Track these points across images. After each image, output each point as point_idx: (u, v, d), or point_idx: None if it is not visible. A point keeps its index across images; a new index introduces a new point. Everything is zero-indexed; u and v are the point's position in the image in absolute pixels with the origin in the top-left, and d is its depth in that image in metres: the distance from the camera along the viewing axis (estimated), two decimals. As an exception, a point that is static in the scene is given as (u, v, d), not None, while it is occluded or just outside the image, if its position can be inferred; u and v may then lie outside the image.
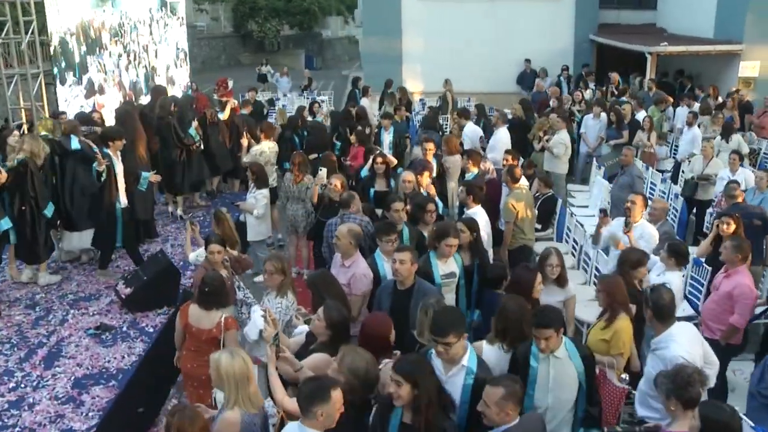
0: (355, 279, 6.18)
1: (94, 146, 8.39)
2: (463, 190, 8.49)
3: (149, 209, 9.62)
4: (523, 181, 9.47)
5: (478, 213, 7.97)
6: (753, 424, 4.74)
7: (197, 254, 7.29)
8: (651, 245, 7.51)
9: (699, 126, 13.93)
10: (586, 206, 12.55)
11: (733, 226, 7.62)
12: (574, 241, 10.18)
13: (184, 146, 10.27)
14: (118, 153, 8.53)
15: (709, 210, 10.97)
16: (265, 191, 9.48)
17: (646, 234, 7.66)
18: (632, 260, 6.40)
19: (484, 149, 12.36)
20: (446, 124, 16.39)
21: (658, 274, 6.99)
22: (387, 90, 17.99)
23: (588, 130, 14.50)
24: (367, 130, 13.26)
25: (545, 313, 4.70)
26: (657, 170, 13.12)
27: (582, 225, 10.30)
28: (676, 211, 11.20)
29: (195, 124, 10.46)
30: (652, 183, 12.49)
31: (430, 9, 21.36)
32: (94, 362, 6.64)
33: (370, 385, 4.31)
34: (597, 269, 8.84)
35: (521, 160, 10.74)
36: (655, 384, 4.34)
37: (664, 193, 12.12)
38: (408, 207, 7.42)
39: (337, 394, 3.79)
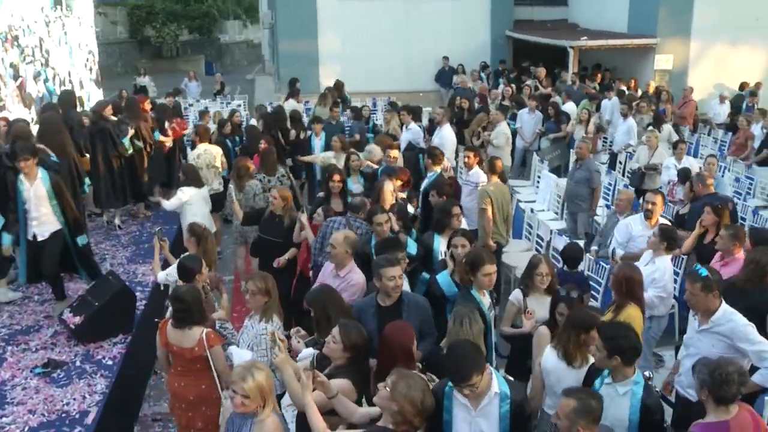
0: (351, 290, 5.60)
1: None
2: (434, 193, 8.22)
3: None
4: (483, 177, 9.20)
5: None
6: None
7: (167, 273, 6.49)
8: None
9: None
10: (534, 201, 12.39)
11: (712, 216, 7.51)
12: (539, 237, 9.93)
13: (120, 154, 9.29)
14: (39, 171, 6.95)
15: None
16: (190, 189, 8.75)
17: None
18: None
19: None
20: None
21: (646, 263, 6.77)
22: (293, 89, 17.32)
23: (524, 125, 14.38)
24: (302, 135, 12.65)
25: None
26: (593, 162, 13.12)
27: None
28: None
29: (131, 132, 9.50)
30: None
31: (346, 7, 20.84)
32: (50, 407, 5.69)
33: (425, 414, 3.83)
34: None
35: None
36: (694, 368, 4.22)
37: (611, 185, 12.12)
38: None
39: None
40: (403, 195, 8.16)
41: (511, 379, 4.49)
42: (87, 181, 8.49)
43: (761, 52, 19.34)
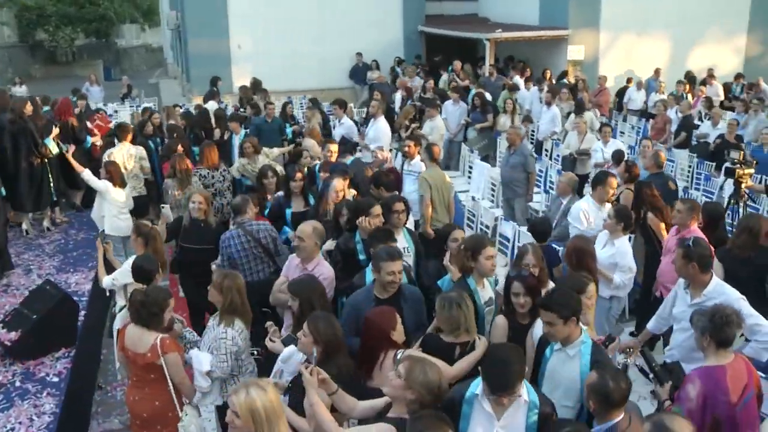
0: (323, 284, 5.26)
1: None
2: (373, 187, 7.89)
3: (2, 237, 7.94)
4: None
5: None
6: None
7: (113, 278, 5.99)
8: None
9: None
10: (467, 191, 12.37)
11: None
12: (484, 225, 9.89)
13: (41, 155, 8.60)
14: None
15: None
16: (110, 187, 8.40)
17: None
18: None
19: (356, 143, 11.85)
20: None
21: (604, 245, 6.77)
22: (214, 88, 16.79)
23: (449, 116, 14.34)
24: (226, 135, 12.16)
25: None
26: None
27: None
28: (561, 187, 11.28)
29: (56, 131, 8.83)
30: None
31: (257, 5, 20.30)
32: (-6, 433, 5.14)
33: (441, 399, 3.64)
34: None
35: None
36: (691, 321, 4.39)
37: (542, 171, 12.25)
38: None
39: None
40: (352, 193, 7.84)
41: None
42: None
43: (665, 42, 20.12)
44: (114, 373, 7.17)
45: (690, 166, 12.50)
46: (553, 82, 17.61)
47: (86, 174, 8.57)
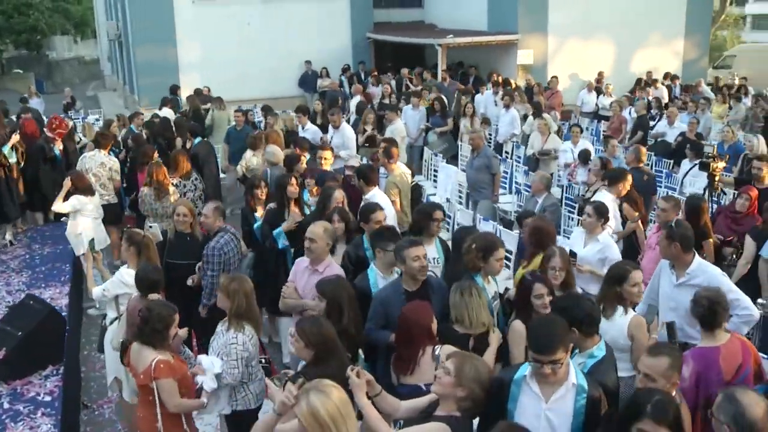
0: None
1: None
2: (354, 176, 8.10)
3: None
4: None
5: (377, 195, 7.52)
6: None
7: (104, 288, 5.72)
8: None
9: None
10: (434, 194, 12.37)
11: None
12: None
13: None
14: None
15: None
16: (81, 197, 8.17)
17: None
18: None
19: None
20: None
21: (585, 244, 6.74)
22: (174, 96, 16.43)
23: (409, 121, 14.34)
24: (188, 144, 11.86)
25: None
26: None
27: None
28: (529, 187, 11.41)
29: (15, 138, 8.42)
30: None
31: (204, 13, 19.99)
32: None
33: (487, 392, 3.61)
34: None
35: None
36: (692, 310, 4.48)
37: (506, 172, 12.36)
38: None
39: None
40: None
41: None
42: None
43: (609, 46, 20.68)
44: (98, 390, 6.85)
45: (648, 164, 12.78)
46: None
47: (56, 206, 8.26)
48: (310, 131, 12.00)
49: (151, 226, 7.81)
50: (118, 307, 5.77)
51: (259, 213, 7.16)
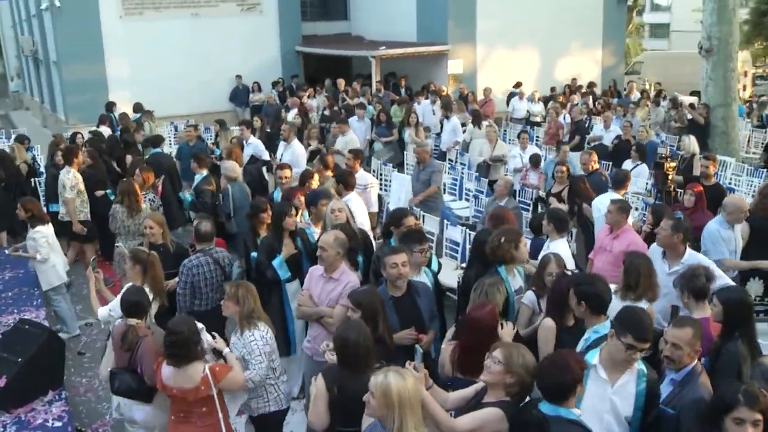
0: (348, 289, 5.26)
1: None
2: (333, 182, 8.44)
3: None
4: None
5: (352, 200, 7.92)
6: None
7: (110, 308, 5.63)
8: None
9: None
10: (387, 202, 12.55)
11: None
12: (427, 232, 10.08)
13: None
14: None
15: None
16: (43, 229, 7.87)
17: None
18: None
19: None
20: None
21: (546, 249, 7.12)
22: (110, 114, 16.05)
23: (354, 132, 14.48)
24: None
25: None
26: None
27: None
28: (480, 192, 11.79)
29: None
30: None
31: (132, 29, 19.56)
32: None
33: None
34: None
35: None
36: (675, 285, 5.20)
37: (456, 179, 12.70)
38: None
39: None
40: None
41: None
42: None
43: (534, 55, 21.52)
44: (88, 414, 6.71)
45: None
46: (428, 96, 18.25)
47: (22, 252, 8.04)
48: (253, 145, 12.00)
49: (117, 245, 7.74)
50: None
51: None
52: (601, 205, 7.94)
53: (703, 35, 13.77)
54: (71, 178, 9.47)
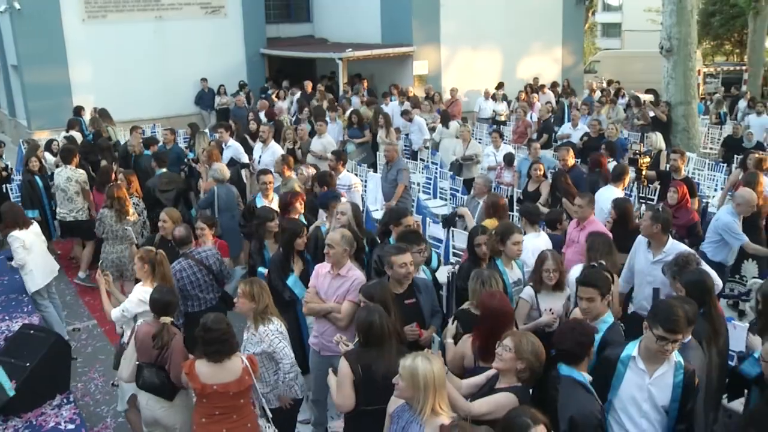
0: (356, 286, 5.48)
1: None
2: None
3: None
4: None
5: None
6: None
7: (123, 309, 5.72)
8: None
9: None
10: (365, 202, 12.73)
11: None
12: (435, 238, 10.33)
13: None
14: None
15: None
16: (19, 234, 7.75)
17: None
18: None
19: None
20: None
21: None
22: (78, 118, 15.87)
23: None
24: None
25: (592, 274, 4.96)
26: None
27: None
28: (456, 190, 12.07)
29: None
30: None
31: (95, 32, 19.31)
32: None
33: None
34: (454, 246, 9.08)
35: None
36: (663, 273, 5.62)
37: (430, 178, 12.95)
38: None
39: None
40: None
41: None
42: None
43: (497, 55, 21.93)
44: (88, 417, 6.72)
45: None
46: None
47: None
48: (232, 148, 12.06)
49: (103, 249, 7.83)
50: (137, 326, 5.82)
51: (270, 246, 6.93)
52: (602, 197, 8.33)
53: (663, 36, 14.28)
54: (79, 174, 9.82)
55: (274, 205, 7.99)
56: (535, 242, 6.73)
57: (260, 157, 11.70)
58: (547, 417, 3.53)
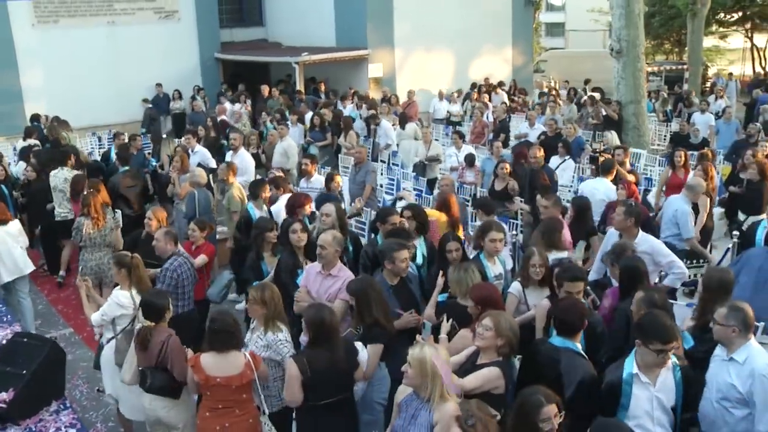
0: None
1: None
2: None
3: None
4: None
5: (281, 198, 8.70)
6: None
7: (102, 313, 5.90)
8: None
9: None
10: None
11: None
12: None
13: None
14: None
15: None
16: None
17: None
18: None
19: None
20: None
21: None
22: (35, 124, 15.71)
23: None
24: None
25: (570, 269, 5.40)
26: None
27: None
28: (420, 191, 12.36)
29: None
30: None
31: (46, 37, 19.06)
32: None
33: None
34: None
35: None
36: (602, 260, 6.26)
37: (392, 179, 13.22)
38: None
39: None
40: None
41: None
42: None
43: (450, 56, 22.39)
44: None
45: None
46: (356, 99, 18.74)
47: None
48: (199, 153, 12.14)
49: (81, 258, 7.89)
50: (115, 328, 5.98)
51: (268, 259, 6.90)
52: (594, 189, 8.93)
53: (612, 38, 14.85)
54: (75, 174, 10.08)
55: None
56: None
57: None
58: (544, 384, 3.88)
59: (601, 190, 8.91)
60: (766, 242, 6.90)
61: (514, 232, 9.34)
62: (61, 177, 10.00)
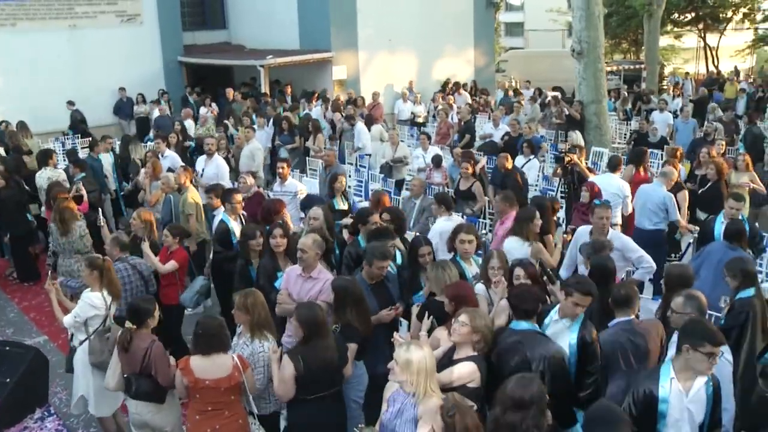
0: (327, 287, 5.85)
1: None
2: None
3: None
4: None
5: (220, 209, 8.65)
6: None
7: (74, 315, 5.96)
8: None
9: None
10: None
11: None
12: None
13: None
14: None
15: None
16: None
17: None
18: None
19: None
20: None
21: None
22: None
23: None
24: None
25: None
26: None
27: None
28: (389, 191, 12.52)
29: None
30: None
31: (3, 40, 18.74)
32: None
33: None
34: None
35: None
36: (580, 251, 6.53)
37: (361, 181, 13.38)
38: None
39: None
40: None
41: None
42: None
43: (413, 58, 22.64)
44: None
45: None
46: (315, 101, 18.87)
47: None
48: (169, 158, 12.13)
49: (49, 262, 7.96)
50: (88, 329, 6.03)
51: (256, 265, 6.91)
52: (607, 185, 9.09)
53: (573, 39, 15.20)
54: (58, 173, 10.65)
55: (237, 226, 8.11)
56: (445, 225, 7.57)
57: (203, 170, 11.59)
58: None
59: (614, 185, 9.18)
60: (725, 236, 7.17)
61: (484, 231, 9.60)
62: (44, 177, 10.33)
